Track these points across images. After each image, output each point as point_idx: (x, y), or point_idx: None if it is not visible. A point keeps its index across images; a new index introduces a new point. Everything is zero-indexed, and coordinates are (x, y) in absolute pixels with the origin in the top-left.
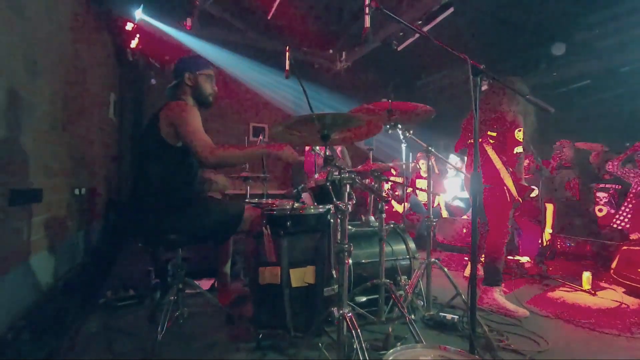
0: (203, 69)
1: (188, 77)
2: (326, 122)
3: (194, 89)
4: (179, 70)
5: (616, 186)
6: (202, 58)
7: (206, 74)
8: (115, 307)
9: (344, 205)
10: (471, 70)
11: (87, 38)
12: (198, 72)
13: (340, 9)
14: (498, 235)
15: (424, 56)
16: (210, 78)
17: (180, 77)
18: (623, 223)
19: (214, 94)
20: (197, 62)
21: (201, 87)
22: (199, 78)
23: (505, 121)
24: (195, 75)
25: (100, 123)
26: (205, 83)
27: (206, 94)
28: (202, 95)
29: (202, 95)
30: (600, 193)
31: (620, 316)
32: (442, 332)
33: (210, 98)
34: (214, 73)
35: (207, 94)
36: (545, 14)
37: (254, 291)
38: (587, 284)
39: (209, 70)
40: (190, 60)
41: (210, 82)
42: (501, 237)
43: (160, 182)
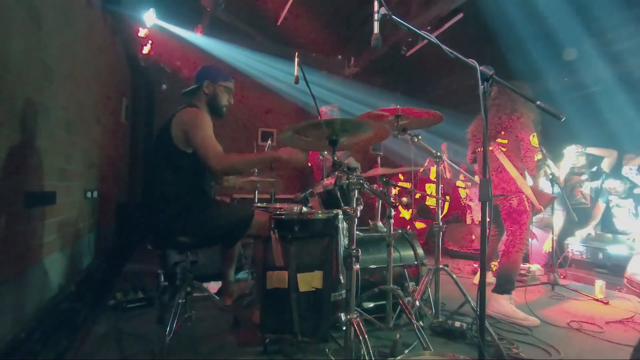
0: (223, 81)
1: (206, 86)
2: (335, 128)
3: (210, 97)
4: (200, 77)
5: (630, 201)
6: (224, 69)
7: (225, 85)
8: (124, 309)
9: (352, 211)
10: (480, 75)
11: (101, 44)
12: (218, 83)
13: (349, 15)
14: (516, 244)
15: (433, 61)
16: (228, 90)
17: (199, 83)
18: None
19: (229, 105)
20: (219, 73)
21: (217, 97)
22: (218, 88)
23: (516, 127)
24: (215, 85)
25: (113, 127)
26: (222, 94)
27: (221, 104)
28: (217, 106)
29: (216, 105)
30: (617, 207)
31: (635, 326)
32: (451, 339)
33: (224, 109)
34: (233, 86)
35: (221, 105)
36: (555, 20)
37: (262, 295)
38: (600, 293)
39: (229, 82)
40: (212, 70)
41: (228, 94)
42: (519, 246)
43: (171, 185)
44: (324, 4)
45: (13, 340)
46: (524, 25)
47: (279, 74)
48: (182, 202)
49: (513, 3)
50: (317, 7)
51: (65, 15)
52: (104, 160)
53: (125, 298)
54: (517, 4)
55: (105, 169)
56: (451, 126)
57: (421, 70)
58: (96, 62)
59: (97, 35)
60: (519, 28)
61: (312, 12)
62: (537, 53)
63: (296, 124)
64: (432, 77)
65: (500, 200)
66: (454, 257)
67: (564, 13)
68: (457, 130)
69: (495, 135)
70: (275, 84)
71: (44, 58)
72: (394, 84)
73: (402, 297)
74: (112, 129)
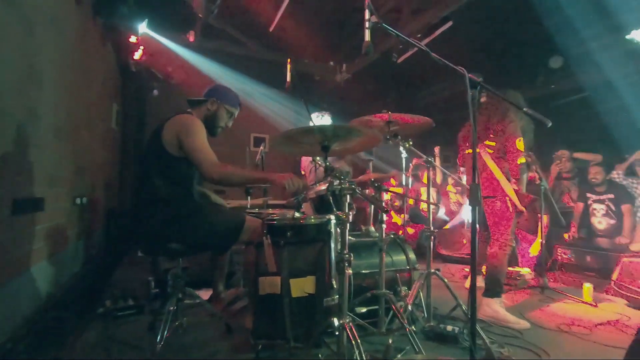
0: (230, 105)
1: (212, 102)
2: (327, 134)
3: (210, 114)
4: (210, 93)
5: (609, 196)
6: (235, 95)
7: (229, 109)
8: (114, 317)
9: (344, 215)
10: (469, 83)
11: (91, 50)
12: (224, 105)
13: (340, 21)
14: (500, 246)
15: (424, 68)
16: (230, 115)
17: (206, 97)
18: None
19: (225, 129)
20: (228, 96)
21: (218, 116)
22: (221, 109)
23: (504, 130)
24: (220, 105)
25: (103, 133)
26: (223, 115)
27: (218, 124)
28: (214, 124)
29: (213, 123)
30: (596, 205)
31: (622, 328)
32: (443, 343)
33: (218, 130)
34: (237, 113)
35: (218, 124)
36: (542, 28)
37: (254, 301)
38: (588, 295)
39: (234, 108)
40: (224, 91)
41: (228, 118)
42: (503, 248)
43: (162, 191)
44: (316, 11)
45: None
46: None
47: (271, 80)
48: (174, 208)
49: (501, 12)
50: (310, 14)
51: (56, 20)
52: (93, 167)
53: (115, 306)
54: (504, 13)
55: (95, 175)
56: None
57: (412, 77)
58: (86, 67)
59: (88, 41)
60: (506, 36)
61: (304, 19)
62: (524, 60)
63: (288, 130)
64: (422, 84)
65: (485, 202)
66: (446, 262)
67: (549, 22)
68: (448, 135)
69: (484, 138)
70: (268, 89)
71: (33, 63)
72: (386, 91)
73: (394, 302)
74: (102, 135)
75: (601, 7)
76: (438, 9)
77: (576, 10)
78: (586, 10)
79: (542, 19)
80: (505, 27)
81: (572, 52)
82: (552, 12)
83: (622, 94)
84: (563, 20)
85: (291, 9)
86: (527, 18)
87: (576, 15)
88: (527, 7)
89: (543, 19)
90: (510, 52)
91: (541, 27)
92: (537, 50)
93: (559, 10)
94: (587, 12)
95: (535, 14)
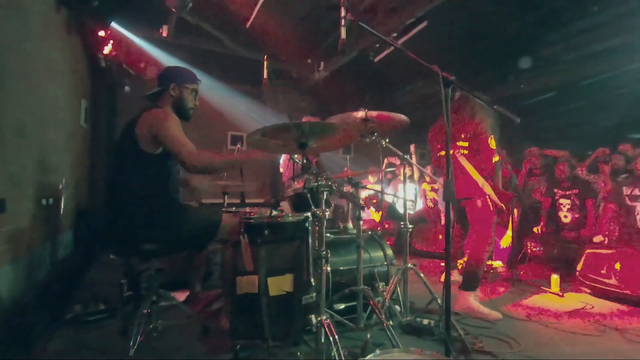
0: (190, 83)
1: (173, 88)
2: (304, 131)
3: (176, 100)
4: (165, 79)
5: (574, 191)
6: (190, 72)
7: (192, 87)
8: (84, 322)
9: (322, 213)
10: (442, 81)
11: (57, 43)
12: (184, 85)
13: (318, 19)
14: (482, 244)
15: (400, 67)
16: (194, 93)
17: (164, 86)
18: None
19: (195, 108)
20: (185, 75)
21: (184, 100)
22: (184, 91)
23: (474, 129)
24: (181, 88)
25: (70, 130)
26: (189, 96)
27: (187, 107)
28: (183, 108)
29: (183, 107)
30: (562, 199)
31: (586, 316)
32: (419, 336)
33: (190, 112)
34: (198, 88)
35: (188, 107)
36: (512, 30)
37: (231, 301)
38: (556, 286)
39: (195, 84)
40: (178, 72)
41: (194, 97)
42: (485, 246)
43: (136, 190)
44: (293, 8)
45: None
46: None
47: (248, 77)
48: (148, 207)
49: (473, 14)
50: (287, 11)
51: (17, 9)
52: (61, 165)
53: (85, 310)
54: (476, 15)
55: (62, 175)
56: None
57: (388, 76)
58: (51, 61)
59: (53, 34)
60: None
61: (281, 16)
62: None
63: (265, 127)
64: (399, 83)
65: (466, 203)
66: (422, 257)
67: (519, 24)
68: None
69: (456, 139)
70: (245, 86)
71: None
72: (363, 89)
73: (372, 297)
74: (70, 132)
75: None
76: (413, 9)
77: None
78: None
79: (513, 20)
80: (478, 29)
81: (540, 53)
82: (523, 14)
83: (585, 94)
84: (533, 22)
85: (268, 6)
86: (498, 20)
87: (544, 18)
88: (499, 10)
89: (514, 20)
90: (482, 52)
91: (512, 29)
92: (508, 51)
93: (529, 12)
94: (555, 16)
95: (506, 16)
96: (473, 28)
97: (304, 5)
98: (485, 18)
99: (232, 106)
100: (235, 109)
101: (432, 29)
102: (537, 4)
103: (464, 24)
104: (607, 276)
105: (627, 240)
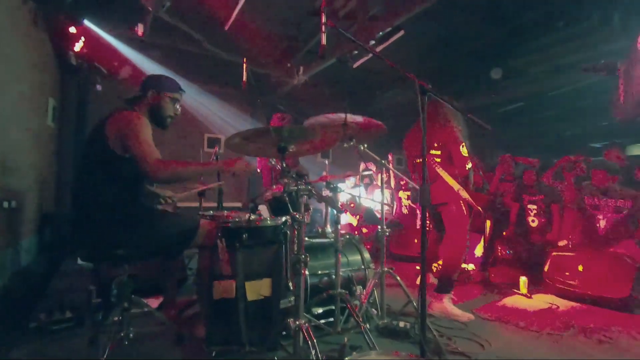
0: (170, 92)
1: (151, 95)
2: (283, 135)
3: (153, 106)
4: (145, 86)
5: (540, 197)
6: (173, 80)
7: (172, 96)
8: (49, 332)
9: (300, 216)
10: (418, 89)
11: (22, 38)
12: (164, 93)
13: (298, 24)
14: (457, 248)
15: (378, 74)
16: (174, 101)
17: (143, 92)
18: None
19: (174, 116)
20: (165, 83)
21: (162, 107)
22: (163, 99)
23: (449, 139)
24: (161, 96)
25: (36, 130)
26: (167, 105)
27: (165, 115)
28: (160, 116)
29: (160, 115)
30: (530, 205)
31: (551, 316)
32: (396, 339)
33: (167, 120)
34: (180, 97)
35: (165, 115)
36: (484, 42)
37: (207, 307)
38: (524, 288)
39: (176, 94)
40: (159, 80)
41: (173, 105)
42: (460, 250)
43: (107, 193)
44: (273, 12)
45: None
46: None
47: (227, 79)
48: (119, 211)
49: (447, 25)
50: (267, 15)
51: None
52: (25, 167)
53: (50, 319)
54: (450, 26)
55: (26, 176)
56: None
57: (367, 83)
58: (16, 57)
59: (19, 29)
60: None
61: (261, 19)
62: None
63: (244, 131)
64: (377, 90)
65: (441, 208)
66: (399, 261)
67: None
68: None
69: (429, 148)
70: (223, 89)
71: None
72: (342, 95)
73: (349, 301)
74: (35, 132)
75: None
76: (391, 18)
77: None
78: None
79: (485, 33)
80: (452, 39)
81: (510, 64)
82: (494, 26)
83: (551, 105)
84: (503, 35)
85: (248, 9)
86: (471, 31)
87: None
88: (471, 21)
89: (486, 33)
90: (456, 62)
91: (484, 41)
92: (480, 62)
93: (500, 26)
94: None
95: (478, 28)
96: (447, 39)
97: (284, 9)
98: (458, 29)
99: (209, 108)
100: (213, 112)
101: (409, 38)
102: (508, 17)
103: (438, 35)
104: (571, 278)
105: (588, 243)
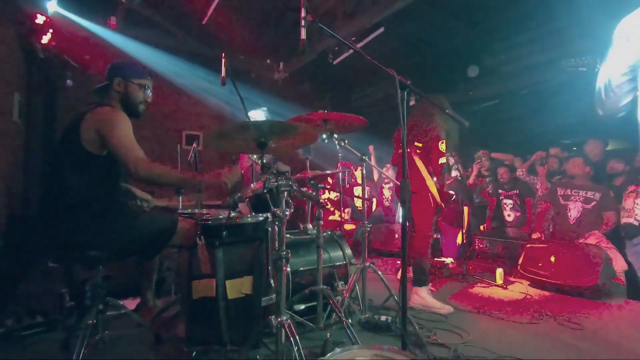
0: (136, 78)
1: (117, 83)
2: (263, 130)
3: (122, 95)
4: (110, 74)
5: (515, 192)
6: (139, 65)
7: (139, 83)
8: (18, 337)
9: (281, 213)
10: (399, 85)
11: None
12: (130, 80)
13: (278, 19)
14: (422, 238)
15: (359, 70)
16: (143, 87)
17: (109, 80)
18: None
19: (145, 103)
20: (131, 69)
21: (130, 95)
22: (130, 86)
23: (430, 133)
24: (127, 83)
25: (0, 126)
26: (136, 92)
27: (135, 102)
28: (131, 104)
29: (130, 103)
30: (505, 199)
31: (526, 306)
32: (377, 333)
33: (139, 107)
34: (150, 83)
35: (136, 102)
36: (461, 40)
37: (187, 307)
38: (500, 279)
39: (143, 80)
40: (124, 66)
41: (143, 92)
42: (425, 240)
43: (79, 193)
44: (252, 6)
45: None
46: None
47: (205, 74)
48: (93, 210)
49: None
50: (246, 9)
51: None
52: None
53: (19, 324)
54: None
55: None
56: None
57: (347, 78)
58: None
59: None
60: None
61: (240, 13)
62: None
63: (223, 126)
64: (357, 86)
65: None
66: (381, 256)
67: (466, 35)
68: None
69: (413, 140)
70: (201, 84)
71: None
72: (322, 91)
73: (331, 297)
74: (0, 129)
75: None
76: (370, 15)
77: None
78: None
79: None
80: (430, 38)
81: (484, 63)
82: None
83: (523, 103)
84: (478, 34)
85: (226, 2)
86: (448, 30)
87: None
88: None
89: (461, 32)
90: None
91: (460, 39)
92: (457, 60)
93: (475, 25)
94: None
95: (454, 27)
96: (425, 37)
97: (264, 4)
98: (436, 28)
99: (187, 104)
100: (191, 107)
101: (388, 36)
102: (482, 17)
103: (417, 33)
104: (544, 268)
105: (559, 232)
